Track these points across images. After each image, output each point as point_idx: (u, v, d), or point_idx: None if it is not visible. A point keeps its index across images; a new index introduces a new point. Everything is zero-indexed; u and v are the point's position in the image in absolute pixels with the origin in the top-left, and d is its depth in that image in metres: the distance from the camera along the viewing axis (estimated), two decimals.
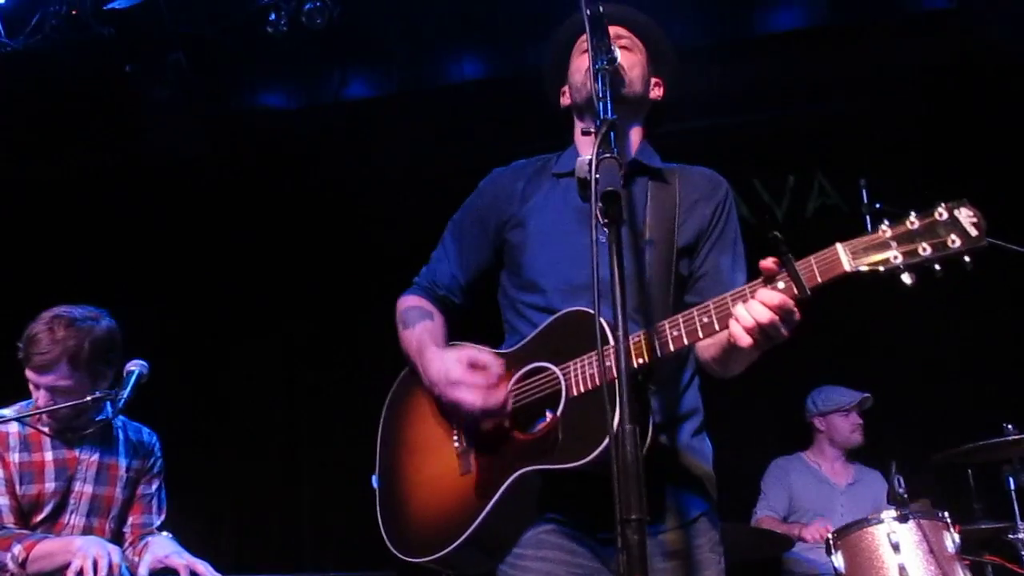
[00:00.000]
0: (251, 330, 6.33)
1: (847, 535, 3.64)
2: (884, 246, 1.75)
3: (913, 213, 1.75)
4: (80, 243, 5.79)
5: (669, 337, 1.89)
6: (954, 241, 1.70)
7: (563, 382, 2.00)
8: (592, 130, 1.77)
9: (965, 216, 1.70)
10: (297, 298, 6.34)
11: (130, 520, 3.21)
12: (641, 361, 1.90)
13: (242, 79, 5.81)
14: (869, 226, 4.50)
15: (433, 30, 5.45)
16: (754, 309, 1.77)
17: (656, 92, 2.35)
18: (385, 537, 2.24)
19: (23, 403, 3.13)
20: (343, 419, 6.03)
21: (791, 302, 1.78)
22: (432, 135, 5.92)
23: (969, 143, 5.36)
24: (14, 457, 3.02)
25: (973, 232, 1.69)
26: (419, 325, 2.32)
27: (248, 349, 6.34)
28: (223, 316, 6.25)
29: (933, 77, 5.40)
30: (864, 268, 1.75)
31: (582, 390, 1.96)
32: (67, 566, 2.73)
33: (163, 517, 3.29)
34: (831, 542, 3.68)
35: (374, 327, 5.93)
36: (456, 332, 2.38)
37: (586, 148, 2.19)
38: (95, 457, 3.13)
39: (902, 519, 3.53)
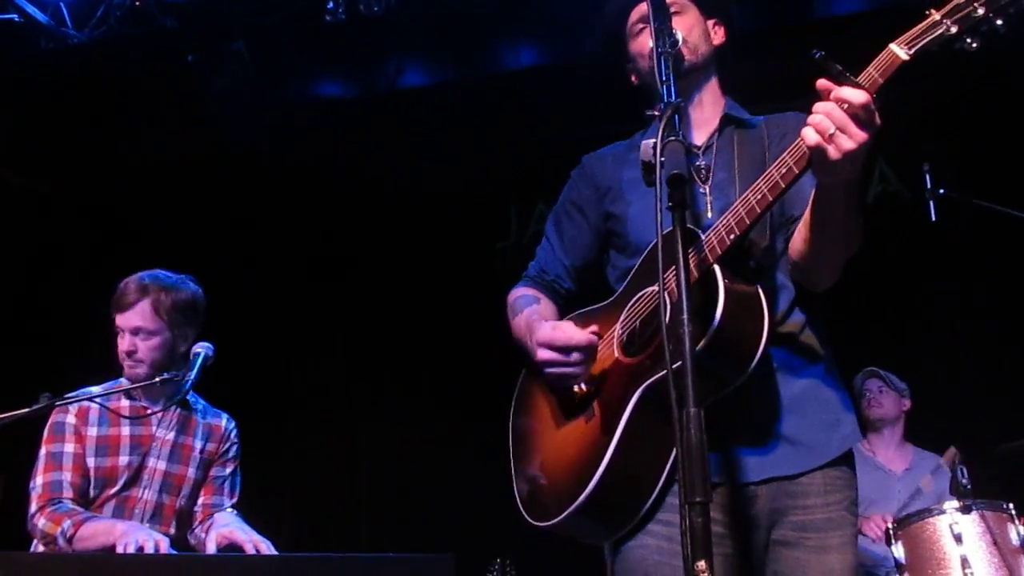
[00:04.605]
0: (310, 315, 6.42)
1: (908, 525, 3.59)
2: (936, 25, 1.70)
3: None
4: (141, 232, 5.92)
5: (753, 201, 1.87)
6: None
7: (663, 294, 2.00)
8: (656, 113, 1.77)
9: None
10: (355, 285, 6.43)
11: (201, 500, 3.30)
12: (733, 236, 1.89)
13: (300, 68, 5.88)
14: (933, 214, 4.40)
15: (489, 17, 5.46)
16: (817, 106, 1.75)
17: (717, 38, 2.30)
18: (525, 514, 2.19)
19: (110, 382, 3.26)
20: (401, 404, 6.11)
21: (851, 91, 1.73)
22: (489, 123, 5.93)
23: None
24: (92, 431, 3.14)
25: None
26: (527, 310, 2.32)
27: (307, 334, 6.43)
28: (282, 302, 6.35)
29: (998, 59, 5.27)
30: (925, 49, 1.70)
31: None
32: (109, 548, 2.78)
33: (234, 500, 3.36)
34: (891, 532, 3.63)
35: (433, 313, 6.05)
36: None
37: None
38: (170, 436, 3.23)
39: (965, 510, 3.46)
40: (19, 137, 5.78)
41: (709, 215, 2.10)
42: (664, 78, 1.80)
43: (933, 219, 4.19)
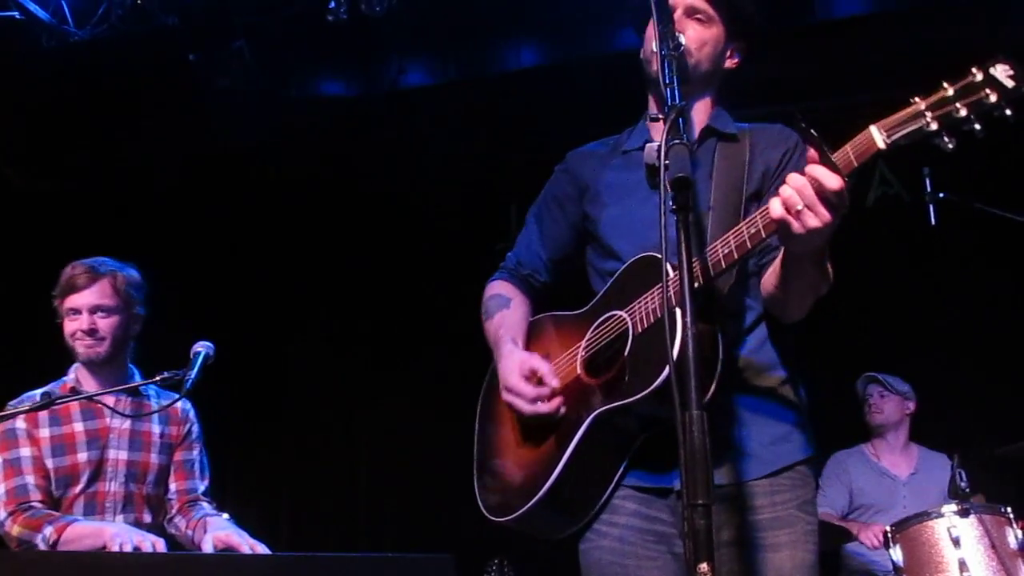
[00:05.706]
0: (309, 314, 6.42)
1: (906, 528, 3.60)
2: (918, 117, 1.67)
3: (946, 81, 1.66)
4: (141, 230, 5.92)
5: (721, 255, 1.90)
6: (989, 95, 1.62)
7: (629, 322, 2.04)
8: (660, 116, 1.77)
9: (1001, 71, 1.63)
10: (354, 283, 6.43)
11: (173, 487, 3.25)
12: (696, 285, 1.89)
13: (302, 67, 5.88)
14: (933, 218, 4.39)
15: (490, 18, 5.47)
16: (790, 179, 1.75)
17: (731, 62, 2.29)
18: (481, 505, 2.30)
19: (53, 383, 3.19)
20: (400, 402, 6.11)
21: (825, 174, 1.72)
22: (490, 123, 5.94)
23: None
24: (44, 433, 3.08)
25: (1010, 84, 1.61)
26: (497, 316, 2.37)
27: (307, 333, 6.44)
28: (281, 300, 6.35)
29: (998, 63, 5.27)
30: (900, 142, 1.68)
31: (645, 325, 1.99)
32: (98, 550, 2.72)
33: (207, 482, 3.33)
34: (889, 536, 3.63)
35: (431, 313, 6.04)
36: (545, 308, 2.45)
37: (655, 132, 2.18)
38: (127, 425, 3.18)
39: (963, 513, 3.47)
40: (19, 135, 5.78)
41: None
42: (668, 80, 1.81)
43: (933, 223, 4.19)
